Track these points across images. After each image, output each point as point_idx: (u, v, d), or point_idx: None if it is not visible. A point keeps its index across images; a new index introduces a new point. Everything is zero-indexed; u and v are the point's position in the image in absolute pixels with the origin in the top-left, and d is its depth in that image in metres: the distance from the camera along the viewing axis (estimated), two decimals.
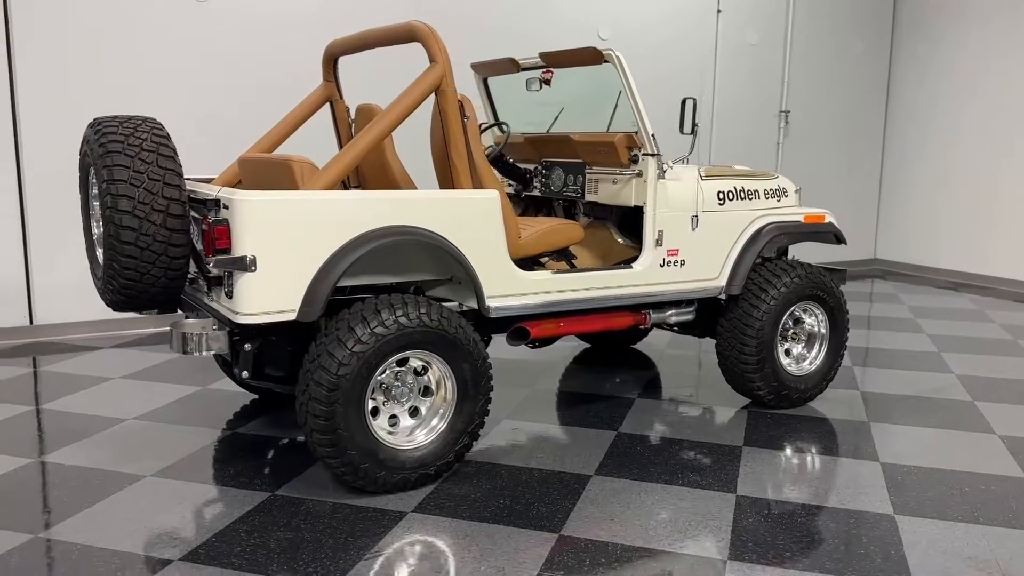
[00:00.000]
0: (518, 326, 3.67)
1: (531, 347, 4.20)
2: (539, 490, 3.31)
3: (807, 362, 4.39)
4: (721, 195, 4.11)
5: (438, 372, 3.31)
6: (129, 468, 3.47)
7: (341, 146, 4.32)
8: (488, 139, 4.74)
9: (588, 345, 5.61)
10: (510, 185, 4.79)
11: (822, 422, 4.17)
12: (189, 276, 3.48)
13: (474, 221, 3.38)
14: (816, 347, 4.41)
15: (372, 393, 3.18)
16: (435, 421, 3.33)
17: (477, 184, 3.56)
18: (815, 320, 4.40)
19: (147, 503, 3.15)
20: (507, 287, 3.50)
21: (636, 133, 3.89)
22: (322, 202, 3.05)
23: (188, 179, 4.11)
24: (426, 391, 3.34)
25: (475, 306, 3.49)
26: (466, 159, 3.45)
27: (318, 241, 3.05)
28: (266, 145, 4.13)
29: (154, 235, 3.04)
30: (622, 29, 7.43)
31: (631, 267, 3.87)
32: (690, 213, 3.99)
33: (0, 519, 3.00)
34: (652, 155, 3.85)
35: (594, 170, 4.16)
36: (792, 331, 4.36)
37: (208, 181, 4.13)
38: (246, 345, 3.18)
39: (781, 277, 4.19)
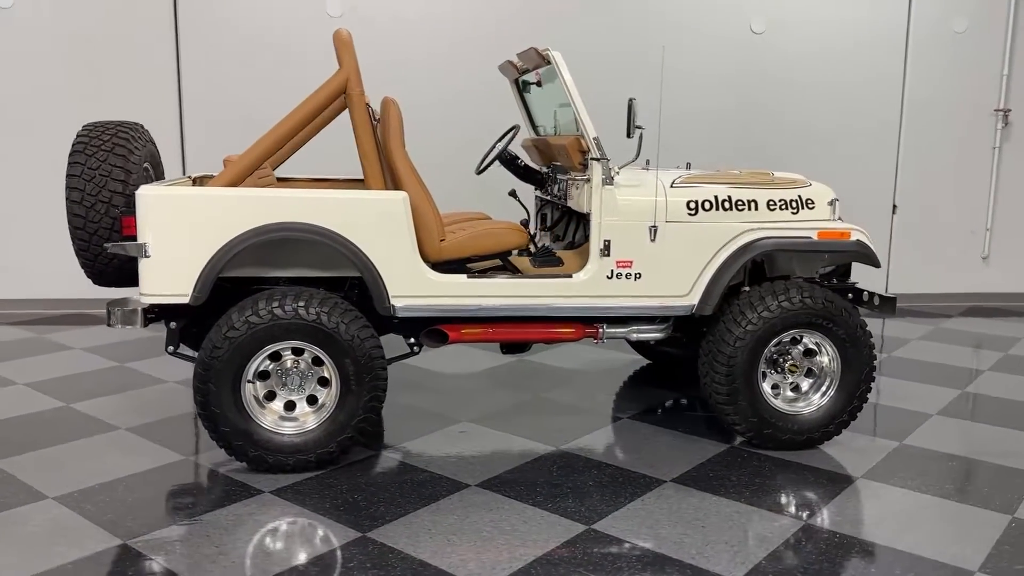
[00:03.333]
0: (434, 328, 3.68)
1: (503, 352, 4.13)
2: (405, 492, 3.32)
3: (803, 401, 3.81)
4: (692, 204, 3.71)
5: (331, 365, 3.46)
6: (117, 420, 4.08)
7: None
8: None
9: (648, 362, 5.31)
10: (537, 190, 4.72)
11: (798, 469, 3.60)
12: None
13: (378, 222, 3.46)
14: (824, 384, 3.80)
15: (254, 377, 3.41)
16: (315, 412, 3.48)
17: (394, 185, 3.63)
18: (824, 353, 3.80)
19: (93, 450, 3.70)
20: (416, 288, 3.54)
21: (582, 136, 3.68)
22: (212, 198, 3.36)
23: None
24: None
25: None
26: (375, 161, 3.55)
27: (210, 233, 3.35)
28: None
29: (99, 223, 3.56)
30: (781, 20, 6.80)
31: (570, 277, 3.67)
32: (647, 223, 3.67)
33: None
34: (597, 159, 3.62)
35: (569, 175, 3.99)
36: (792, 363, 3.80)
37: None
38: (171, 323, 3.59)
39: (766, 300, 3.68)
